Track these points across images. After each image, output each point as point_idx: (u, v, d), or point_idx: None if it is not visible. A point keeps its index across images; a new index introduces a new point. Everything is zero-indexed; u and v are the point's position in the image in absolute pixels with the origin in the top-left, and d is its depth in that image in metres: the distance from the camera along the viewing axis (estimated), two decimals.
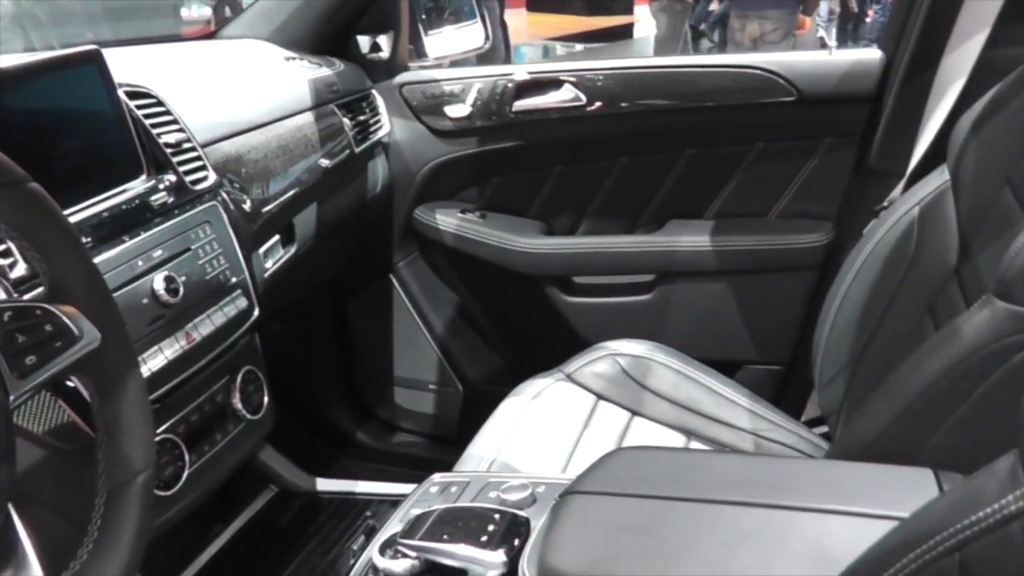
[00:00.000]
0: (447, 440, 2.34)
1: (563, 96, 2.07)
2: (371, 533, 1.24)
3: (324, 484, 1.60)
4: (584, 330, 2.15)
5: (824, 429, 1.57)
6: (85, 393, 1.11)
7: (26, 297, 1.02)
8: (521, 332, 2.29)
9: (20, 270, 1.07)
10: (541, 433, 1.49)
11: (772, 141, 2.00)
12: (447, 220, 2.17)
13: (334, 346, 2.34)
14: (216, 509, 1.49)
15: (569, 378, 1.62)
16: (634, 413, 1.56)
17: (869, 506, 0.96)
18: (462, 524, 1.15)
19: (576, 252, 2.13)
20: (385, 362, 2.35)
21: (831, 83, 1.88)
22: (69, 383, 1.11)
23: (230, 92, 1.68)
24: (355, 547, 1.23)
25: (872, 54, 1.87)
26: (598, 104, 2.05)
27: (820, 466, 1.19)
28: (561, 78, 2.07)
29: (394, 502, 1.34)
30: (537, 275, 2.15)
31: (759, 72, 1.93)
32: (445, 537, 1.12)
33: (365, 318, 2.33)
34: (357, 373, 2.38)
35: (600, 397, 1.58)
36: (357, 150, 1.97)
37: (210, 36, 2.12)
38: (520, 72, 2.10)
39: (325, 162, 1.84)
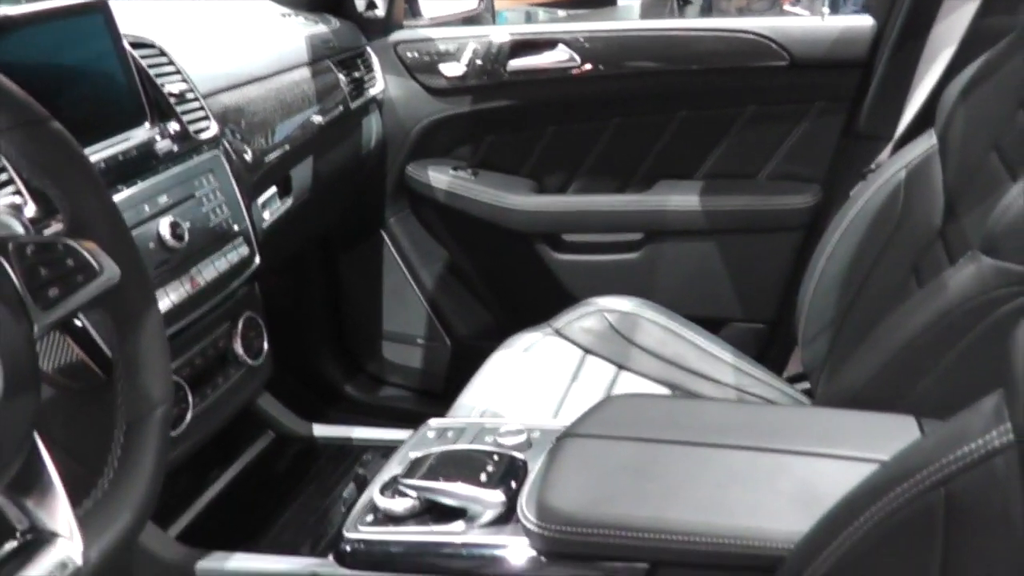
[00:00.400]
0: (434, 394, 2.37)
1: (557, 57, 2.09)
2: (368, 476, 1.27)
3: (320, 430, 1.64)
4: (573, 287, 2.19)
5: (806, 385, 1.61)
6: (94, 333, 1.14)
7: (46, 233, 1.04)
8: (510, 288, 2.32)
9: (31, 211, 1.09)
10: (530, 384, 1.52)
11: (763, 104, 2.03)
12: (439, 177, 2.20)
13: (325, 300, 2.37)
14: (214, 453, 1.52)
15: (558, 332, 1.65)
16: (620, 367, 1.59)
17: (854, 450, 1.00)
18: (461, 465, 1.18)
19: (566, 210, 2.16)
20: (374, 317, 2.38)
21: (823, 48, 1.91)
22: (77, 322, 1.13)
23: (229, 45, 1.70)
24: (354, 489, 1.27)
25: (864, 20, 1.90)
26: (591, 65, 2.07)
27: (807, 413, 1.24)
28: (555, 39, 2.09)
29: (389, 448, 1.38)
30: (528, 232, 2.18)
31: (751, 36, 1.95)
32: (444, 477, 1.16)
33: (356, 273, 2.36)
34: (347, 327, 2.41)
35: (587, 351, 1.61)
36: (352, 106, 1.99)
37: None
38: (515, 32, 2.12)
39: (320, 117, 1.86)
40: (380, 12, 2.15)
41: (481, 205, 2.17)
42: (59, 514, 0.80)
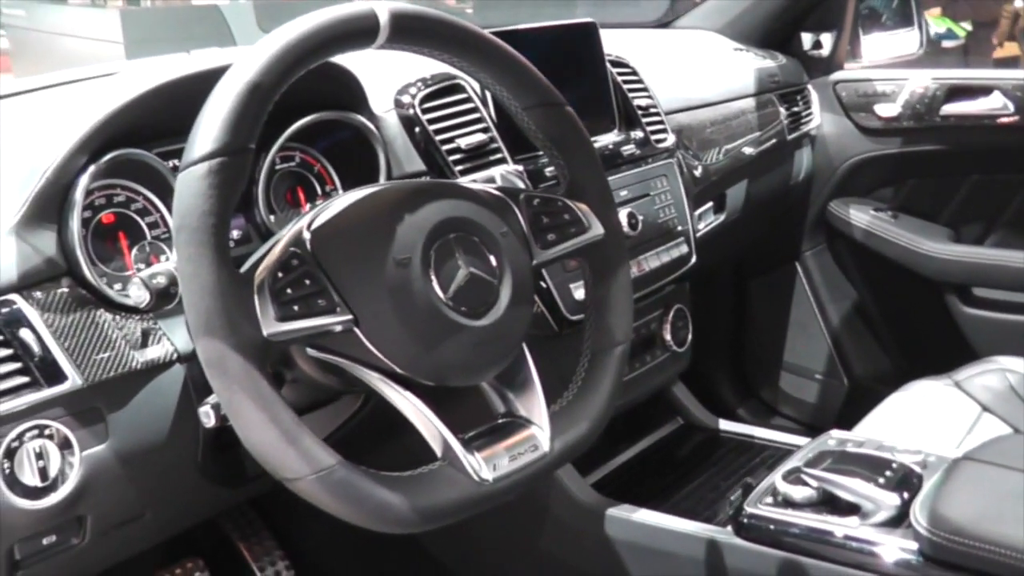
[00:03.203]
0: (824, 431, 2.41)
1: (992, 104, 2.10)
2: (771, 467, 1.39)
3: (725, 425, 1.77)
4: (977, 342, 2.16)
5: None
6: (555, 294, 1.36)
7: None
8: (914, 335, 2.33)
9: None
10: (924, 432, 1.53)
11: None
12: (860, 216, 2.26)
13: (731, 322, 2.50)
14: (628, 426, 1.71)
15: (957, 385, 1.63)
16: (1017, 431, 1.55)
17: None
18: (861, 465, 1.28)
19: (981, 262, 2.14)
20: (777, 345, 2.47)
21: None
22: (543, 284, 1.36)
23: (689, 72, 1.93)
24: (754, 477, 1.38)
25: None
26: (1022, 116, 2.05)
27: None
28: (992, 85, 2.10)
29: (789, 451, 1.48)
30: (939, 281, 2.19)
31: None
32: (845, 473, 1.26)
33: (765, 300, 2.46)
34: (748, 351, 2.52)
35: (985, 409, 1.58)
36: (788, 138, 2.14)
37: (664, 26, 2.36)
38: (953, 76, 2.14)
39: (759, 145, 2.03)
40: (824, 52, 2.27)
41: (896, 248, 2.21)
42: (535, 408, 0.99)
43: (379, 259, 0.90)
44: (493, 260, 0.97)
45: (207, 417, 0.96)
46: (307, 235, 0.90)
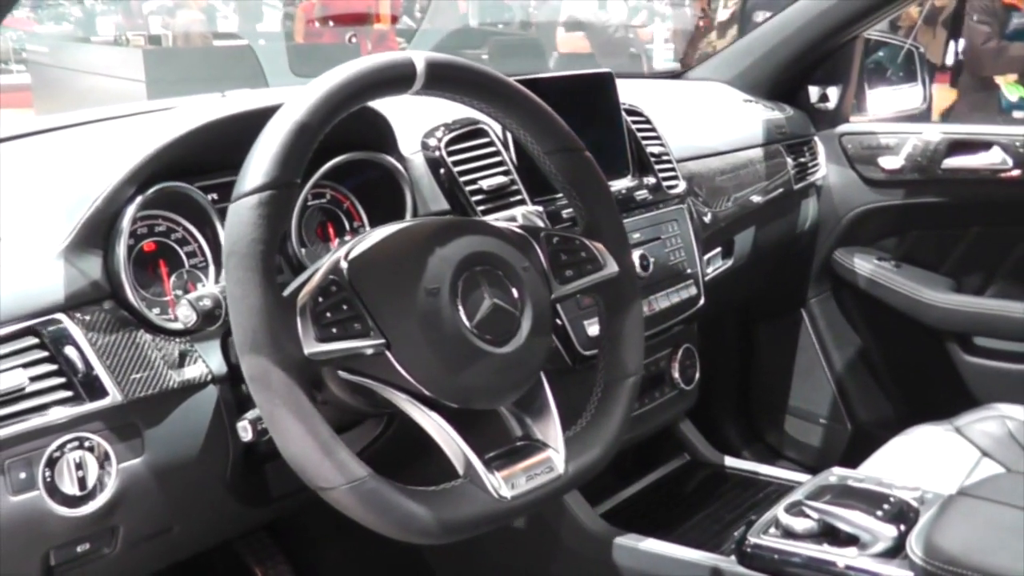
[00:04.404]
0: None
1: (992, 159, 2.16)
2: (774, 502, 1.44)
3: (731, 462, 1.82)
4: (977, 389, 2.21)
5: None
6: (569, 330, 1.42)
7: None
8: (916, 382, 2.38)
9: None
10: (923, 472, 1.56)
11: None
12: (864, 265, 2.33)
13: (736, 367, 2.55)
14: (636, 460, 1.77)
15: (957, 431, 1.68)
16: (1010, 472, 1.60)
17: None
18: (860, 498, 1.34)
19: (981, 312, 2.20)
20: (782, 390, 2.52)
21: None
22: (558, 321, 1.42)
23: (699, 122, 2.01)
24: (757, 511, 1.43)
25: None
26: (1021, 171, 2.12)
27: None
28: (992, 140, 2.17)
29: (792, 488, 1.53)
30: (940, 329, 2.25)
31: None
32: (844, 506, 1.32)
33: (771, 345, 2.52)
34: (753, 395, 2.57)
35: (984, 453, 1.61)
36: (795, 188, 2.21)
37: (676, 76, 2.45)
38: (954, 131, 2.22)
39: (766, 194, 2.09)
40: (831, 105, 2.35)
41: (899, 296, 2.27)
42: (551, 432, 1.06)
43: (411, 288, 0.97)
44: (515, 292, 1.04)
45: (244, 431, 1.03)
46: (344, 264, 0.97)
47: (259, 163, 0.91)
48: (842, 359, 2.46)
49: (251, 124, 0.98)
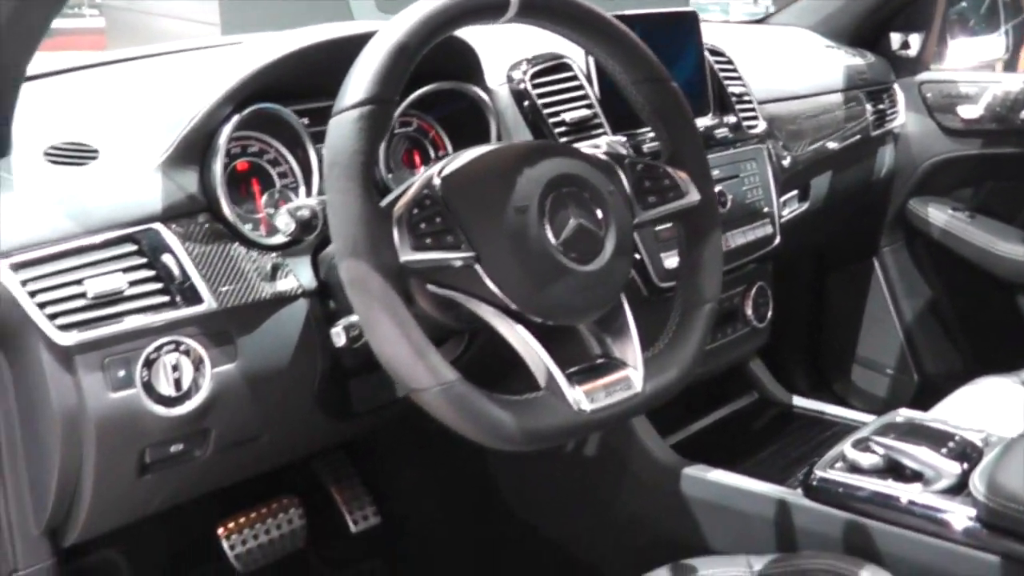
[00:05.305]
0: None
1: None
2: (840, 441, 1.46)
3: (799, 401, 1.85)
4: None
5: None
6: (647, 260, 1.45)
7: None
8: (985, 333, 2.38)
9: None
10: (988, 420, 1.55)
11: None
12: (938, 215, 2.32)
13: (807, 313, 2.56)
14: (706, 395, 1.80)
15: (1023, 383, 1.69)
16: None
17: None
18: (926, 436, 1.37)
19: None
20: (851, 339, 2.53)
21: None
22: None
23: (780, 65, 2.02)
24: (825, 448, 1.46)
25: None
26: None
27: None
28: None
29: (859, 426, 1.55)
30: (1013, 281, 2.24)
31: None
32: (911, 442, 1.34)
33: (842, 293, 2.52)
34: (822, 342, 2.58)
35: None
36: (872, 135, 2.21)
37: (760, 21, 2.45)
38: None
39: (844, 140, 2.10)
40: (912, 53, 2.34)
41: (972, 248, 2.26)
42: (630, 351, 1.08)
43: (500, 205, 1.00)
44: (600, 214, 1.06)
45: (338, 336, 1.08)
46: (438, 180, 1.01)
47: (360, 79, 0.94)
48: (912, 309, 2.45)
49: (346, 50, 1.01)
